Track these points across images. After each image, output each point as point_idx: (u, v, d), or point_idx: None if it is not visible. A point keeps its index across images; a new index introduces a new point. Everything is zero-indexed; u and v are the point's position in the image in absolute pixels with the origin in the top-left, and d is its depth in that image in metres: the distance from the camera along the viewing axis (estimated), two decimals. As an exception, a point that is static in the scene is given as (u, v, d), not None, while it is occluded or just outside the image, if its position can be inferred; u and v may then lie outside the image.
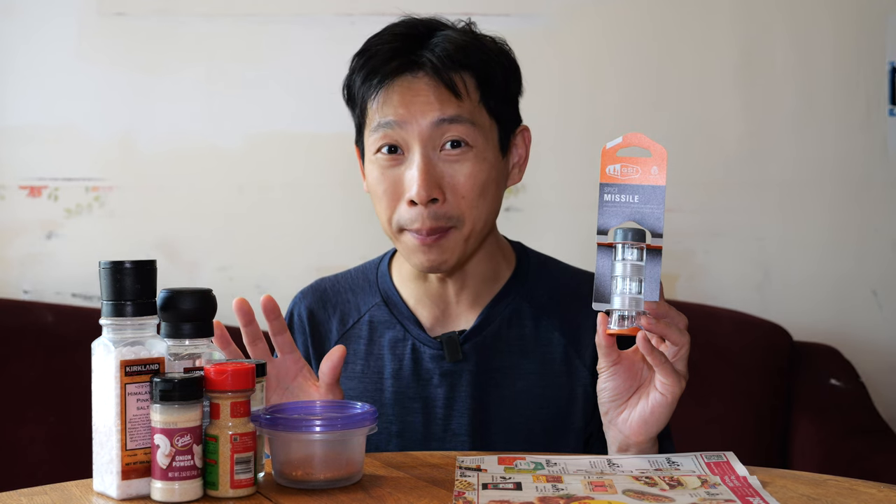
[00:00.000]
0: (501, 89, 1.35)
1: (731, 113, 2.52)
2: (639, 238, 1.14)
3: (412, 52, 1.31)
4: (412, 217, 1.30)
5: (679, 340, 1.17)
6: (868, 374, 2.40)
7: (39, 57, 2.48)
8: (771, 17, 2.52)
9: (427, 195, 1.28)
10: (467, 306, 1.41)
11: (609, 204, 1.16)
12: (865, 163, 2.52)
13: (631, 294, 1.14)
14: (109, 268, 1.03)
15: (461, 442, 1.36)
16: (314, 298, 1.47)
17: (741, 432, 2.24)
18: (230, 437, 1.02)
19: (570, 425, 1.37)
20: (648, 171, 1.17)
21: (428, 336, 1.39)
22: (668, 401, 1.18)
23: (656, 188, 1.16)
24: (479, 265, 1.40)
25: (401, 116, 1.30)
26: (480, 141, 1.32)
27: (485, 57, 1.33)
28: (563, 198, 2.49)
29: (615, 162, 1.18)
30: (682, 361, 1.18)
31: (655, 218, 1.15)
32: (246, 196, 2.49)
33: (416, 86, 1.30)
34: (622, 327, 1.15)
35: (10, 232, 2.47)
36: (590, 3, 2.51)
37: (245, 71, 2.50)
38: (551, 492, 1.02)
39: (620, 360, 1.20)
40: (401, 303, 1.42)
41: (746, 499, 1.00)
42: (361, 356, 1.42)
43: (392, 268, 1.46)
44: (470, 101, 1.31)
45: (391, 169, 1.32)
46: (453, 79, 1.30)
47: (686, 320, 1.17)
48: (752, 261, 2.53)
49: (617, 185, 1.17)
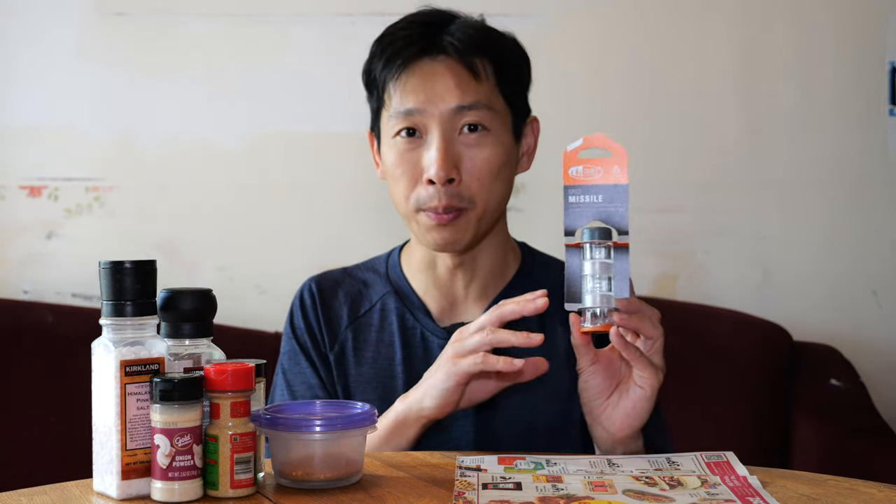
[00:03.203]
0: (516, 77, 1.41)
1: (731, 113, 2.52)
2: (605, 237, 1.17)
3: (432, 37, 1.36)
4: (429, 195, 1.33)
5: (653, 333, 1.19)
6: (868, 374, 2.40)
7: (40, 57, 2.47)
8: (771, 16, 2.52)
9: (445, 175, 1.32)
10: (475, 298, 1.44)
11: (574, 205, 1.20)
12: (865, 163, 2.52)
13: (602, 292, 1.17)
14: (109, 268, 1.03)
15: (465, 431, 1.38)
16: (326, 284, 1.49)
17: (741, 432, 2.24)
18: (230, 437, 1.02)
19: (572, 417, 1.39)
20: (611, 171, 1.20)
21: (436, 325, 1.43)
22: (648, 394, 1.20)
23: (619, 187, 1.19)
24: (488, 258, 1.44)
25: (421, 102, 1.34)
26: (497, 125, 1.37)
27: (502, 44, 1.39)
28: (561, 197, 2.48)
29: (577, 164, 1.21)
30: (657, 354, 1.21)
31: (620, 216, 1.18)
32: (246, 196, 2.49)
33: (437, 69, 1.35)
34: (595, 325, 1.18)
35: (10, 232, 2.47)
36: (588, 3, 2.51)
37: (245, 71, 2.50)
38: (551, 492, 1.02)
39: (598, 358, 1.23)
40: (411, 292, 1.45)
41: (746, 499, 1.00)
42: (372, 343, 1.44)
43: (402, 259, 1.49)
44: (488, 85, 1.36)
45: (410, 152, 1.36)
46: (474, 61, 1.35)
47: (658, 314, 1.20)
48: (752, 261, 2.53)
49: (581, 186, 1.20)
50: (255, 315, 2.41)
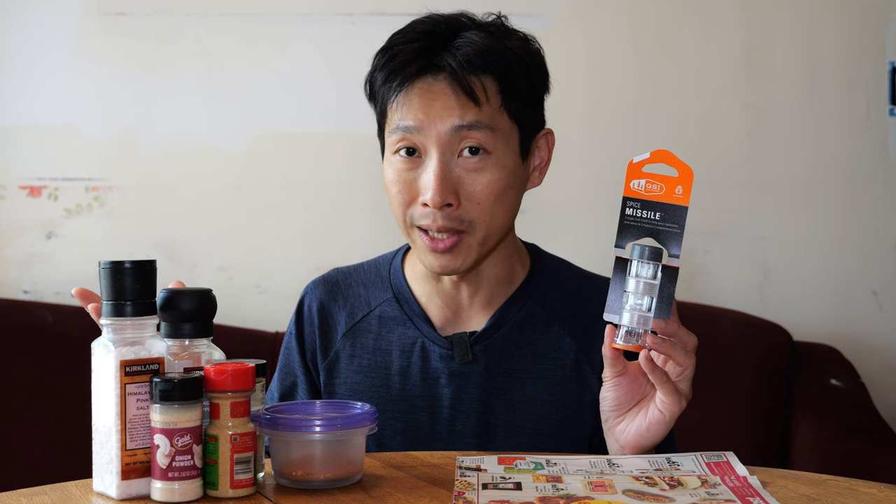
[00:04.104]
0: (524, 92, 1.33)
1: (732, 113, 2.52)
2: (654, 257, 1.15)
3: (433, 55, 1.30)
4: (424, 213, 1.29)
5: (683, 361, 1.17)
6: (868, 374, 2.40)
7: (39, 57, 2.48)
8: (771, 16, 2.52)
9: (441, 200, 1.27)
10: (480, 308, 1.40)
11: (630, 218, 1.17)
12: (865, 163, 2.52)
13: (641, 311, 1.15)
14: (109, 268, 1.03)
15: (466, 443, 1.35)
16: (325, 290, 1.46)
17: (741, 432, 2.24)
18: (230, 437, 1.02)
19: (577, 432, 1.36)
20: (673, 191, 1.17)
21: (438, 335, 1.38)
22: (666, 419, 1.18)
23: (678, 208, 1.16)
24: (494, 268, 1.39)
25: (419, 121, 1.29)
26: (500, 146, 1.30)
27: (507, 60, 1.31)
28: (562, 198, 2.49)
29: (640, 177, 1.17)
30: (685, 382, 1.18)
31: (674, 237, 1.15)
32: (246, 196, 2.49)
33: (436, 89, 1.29)
34: (628, 343, 1.16)
35: (10, 232, 2.47)
36: (590, 2, 2.51)
37: (245, 71, 2.50)
38: (551, 492, 1.02)
39: (626, 371, 1.21)
40: (412, 300, 1.41)
41: (746, 499, 1.00)
42: (369, 351, 1.41)
43: (405, 264, 1.45)
44: (490, 105, 1.30)
45: (408, 172, 1.31)
46: (472, 84, 1.28)
47: (695, 342, 1.17)
48: (752, 261, 2.53)
49: (640, 200, 1.17)
50: (255, 315, 2.41)
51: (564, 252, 1.50)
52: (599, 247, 2.39)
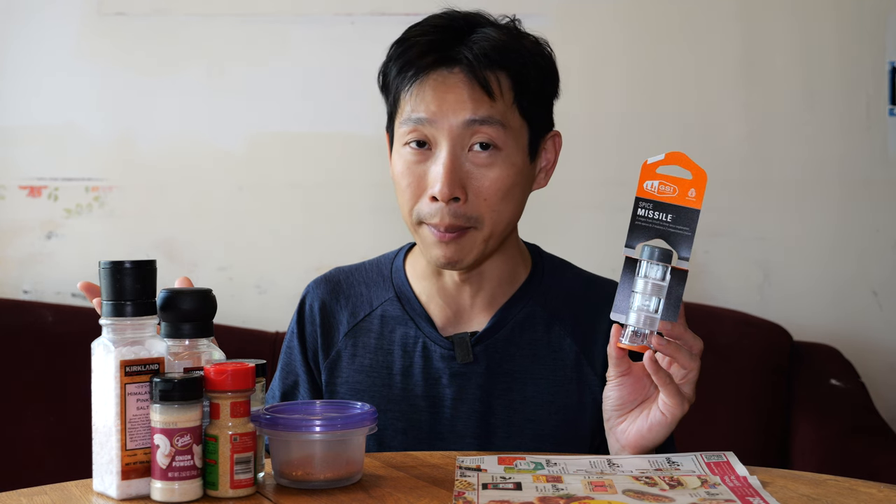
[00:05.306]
0: (536, 91, 1.33)
1: (732, 113, 2.52)
2: (664, 258, 1.15)
3: (449, 48, 1.30)
4: (432, 212, 1.29)
5: (688, 365, 1.17)
6: (868, 374, 2.40)
7: (40, 57, 2.48)
8: (771, 17, 2.52)
9: (450, 193, 1.27)
10: (482, 308, 1.40)
11: (641, 219, 1.17)
12: (866, 163, 2.52)
13: (647, 312, 1.15)
14: (109, 268, 1.03)
15: (467, 444, 1.35)
16: (327, 289, 1.46)
17: (741, 432, 2.24)
18: (230, 437, 1.02)
19: (577, 432, 1.36)
20: (686, 193, 1.17)
21: (439, 335, 1.38)
22: (668, 421, 1.19)
23: (691, 211, 1.17)
24: (496, 268, 1.39)
25: (432, 113, 1.29)
26: (510, 143, 1.31)
27: (522, 58, 1.32)
28: (563, 198, 2.48)
29: (654, 178, 1.18)
30: (689, 385, 1.19)
31: (685, 240, 1.16)
32: (246, 196, 2.49)
33: (450, 81, 1.29)
34: (633, 343, 1.16)
35: (10, 232, 2.47)
36: (590, 3, 2.51)
37: (245, 71, 2.50)
38: (551, 492, 1.02)
39: (630, 371, 1.21)
40: (414, 299, 1.41)
41: (746, 499, 1.00)
42: (371, 350, 1.40)
43: (407, 264, 1.45)
44: (503, 101, 1.30)
45: (417, 164, 1.31)
46: (488, 78, 1.29)
47: (700, 345, 1.18)
48: (752, 261, 2.53)
49: (652, 201, 1.17)
50: (255, 315, 2.41)
51: (564, 252, 1.50)
52: (599, 247, 2.40)
